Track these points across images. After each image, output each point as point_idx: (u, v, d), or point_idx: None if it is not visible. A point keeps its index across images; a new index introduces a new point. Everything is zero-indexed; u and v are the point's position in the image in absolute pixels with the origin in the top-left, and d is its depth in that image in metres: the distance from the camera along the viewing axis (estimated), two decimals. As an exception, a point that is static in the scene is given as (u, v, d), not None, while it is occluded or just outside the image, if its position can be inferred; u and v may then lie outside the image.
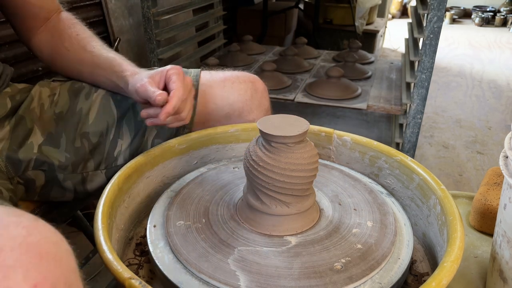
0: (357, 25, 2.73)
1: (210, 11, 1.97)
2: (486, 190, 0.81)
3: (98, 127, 0.73)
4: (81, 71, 0.75)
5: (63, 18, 0.78)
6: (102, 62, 0.71)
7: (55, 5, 0.78)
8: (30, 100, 0.72)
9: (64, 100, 0.74)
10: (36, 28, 0.76)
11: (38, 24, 0.76)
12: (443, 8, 1.19)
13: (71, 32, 0.75)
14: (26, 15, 0.75)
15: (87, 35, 0.76)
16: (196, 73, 0.78)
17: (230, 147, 0.80)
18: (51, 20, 0.77)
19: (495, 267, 0.60)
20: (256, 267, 0.51)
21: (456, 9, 5.16)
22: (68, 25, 0.77)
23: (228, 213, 0.60)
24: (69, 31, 0.76)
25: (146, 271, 0.58)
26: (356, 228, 0.58)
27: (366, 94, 1.55)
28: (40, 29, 0.76)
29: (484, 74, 3.02)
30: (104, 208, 0.55)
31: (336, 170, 0.72)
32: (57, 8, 0.79)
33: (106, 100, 0.75)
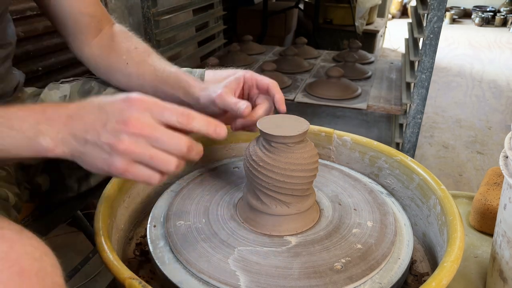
0: (357, 25, 2.73)
1: (210, 11, 1.97)
2: (486, 190, 0.81)
3: None
4: (143, 85, 0.71)
5: (117, 31, 0.75)
6: (166, 77, 0.69)
7: (106, 16, 0.76)
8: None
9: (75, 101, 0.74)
10: (89, 40, 0.73)
11: (90, 35, 0.73)
12: (443, 8, 1.19)
13: (129, 45, 0.73)
14: (77, 24, 0.72)
15: (145, 48, 0.74)
16: (201, 73, 0.79)
17: (230, 147, 0.80)
18: (105, 33, 0.74)
19: (495, 267, 0.60)
20: (256, 267, 0.51)
21: (456, 9, 5.16)
22: (125, 37, 0.74)
23: (228, 213, 0.60)
24: (126, 44, 0.73)
25: (146, 271, 0.58)
26: (356, 228, 0.58)
27: (366, 94, 1.55)
28: (94, 41, 0.74)
29: (484, 74, 3.02)
30: (104, 208, 0.55)
31: (336, 170, 0.72)
32: (108, 19, 0.76)
33: None
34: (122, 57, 0.72)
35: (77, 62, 1.33)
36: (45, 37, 1.24)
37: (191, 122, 0.44)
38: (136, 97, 0.43)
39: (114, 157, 0.42)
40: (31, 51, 1.19)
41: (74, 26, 0.72)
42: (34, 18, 1.18)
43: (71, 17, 0.71)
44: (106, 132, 0.42)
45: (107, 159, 0.43)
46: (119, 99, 0.44)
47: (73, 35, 0.73)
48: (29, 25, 1.16)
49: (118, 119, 0.42)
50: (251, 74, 0.64)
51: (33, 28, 1.17)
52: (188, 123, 0.44)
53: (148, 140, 0.42)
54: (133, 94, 0.44)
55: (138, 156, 0.42)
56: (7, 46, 0.65)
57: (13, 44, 0.67)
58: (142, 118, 0.42)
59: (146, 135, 0.42)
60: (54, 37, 1.26)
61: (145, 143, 0.43)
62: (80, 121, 0.43)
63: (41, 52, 1.23)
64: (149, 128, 0.42)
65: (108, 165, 0.43)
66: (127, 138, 0.42)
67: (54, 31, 1.25)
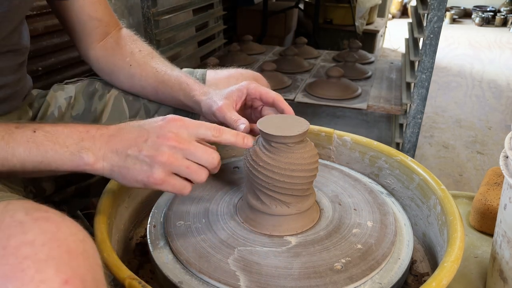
0: (357, 25, 2.73)
1: (210, 11, 1.97)
2: (486, 190, 0.81)
3: None
4: (144, 87, 0.73)
5: (124, 34, 0.76)
6: (167, 79, 0.70)
7: (114, 20, 0.77)
8: (46, 106, 0.74)
9: (80, 103, 0.76)
10: (95, 42, 0.74)
11: (96, 38, 0.74)
12: (443, 8, 1.19)
13: (133, 48, 0.74)
14: (85, 27, 0.73)
15: (150, 51, 0.75)
16: (203, 73, 0.79)
17: (230, 147, 0.80)
18: (112, 36, 0.75)
19: (495, 267, 0.60)
20: (256, 267, 0.51)
21: (456, 9, 5.16)
22: (130, 41, 0.75)
23: (228, 213, 0.60)
24: (131, 46, 0.74)
25: (146, 271, 0.58)
26: (356, 228, 0.58)
27: (366, 94, 1.55)
28: (100, 44, 0.75)
29: (484, 74, 3.02)
30: (104, 208, 0.55)
31: (336, 170, 0.72)
32: (116, 23, 0.77)
33: (118, 100, 0.76)
34: (126, 59, 0.73)
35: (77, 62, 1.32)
36: (45, 37, 1.24)
37: (222, 135, 0.51)
38: (173, 117, 0.50)
39: (154, 169, 0.47)
40: (31, 51, 1.18)
41: (82, 29, 0.73)
42: (34, 18, 1.18)
43: (80, 20, 0.72)
44: (147, 146, 0.48)
45: (147, 171, 0.48)
46: (158, 119, 0.50)
47: (80, 38, 0.74)
48: (29, 25, 1.15)
49: (159, 134, 0.48)
50: (255, 86, 0.63)
51: (33, 28, 1.17)
52: (220, 136, 0.51)
53: (184, 153, 0.48)
54: (169, 115, 0.50)
55: (177, 167, 0.48)
56: (23, 51, 0.66)
57: (28, 48, 0.68)
58: (180, 133, 0.48)
59: (184, 148, 0.48)
60: (54, 37, 1.26)
61: (182, 156, 0.48)
62: (121, 138, 0.49)
63: (41, 52, 1.23)
64: (186, 142, 0.48)
65: (147, 177, 0.48)
66: (167, 150, 0.47)
67: (54, 31, 1.26)
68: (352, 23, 2.72)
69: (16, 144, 0.47)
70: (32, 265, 0.32)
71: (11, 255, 0.32)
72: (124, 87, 0.76)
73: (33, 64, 1.21)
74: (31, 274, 0.31)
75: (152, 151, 0.47)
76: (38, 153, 0.48)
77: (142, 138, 0.48)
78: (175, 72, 0.71)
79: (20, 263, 0.32)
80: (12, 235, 0.33)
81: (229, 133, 0.51)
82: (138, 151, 0.48)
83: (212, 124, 0.51)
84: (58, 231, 0.34)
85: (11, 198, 0.41)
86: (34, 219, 0.35)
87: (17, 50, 0.64)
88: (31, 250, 0.32)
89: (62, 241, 0.34)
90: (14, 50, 0.63)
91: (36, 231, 0.34)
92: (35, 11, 1.18)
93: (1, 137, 0.47)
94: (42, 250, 0.33)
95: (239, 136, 0.52)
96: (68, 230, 0.35)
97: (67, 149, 0.48)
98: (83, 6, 0.71)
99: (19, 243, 0.33)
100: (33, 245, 0.33)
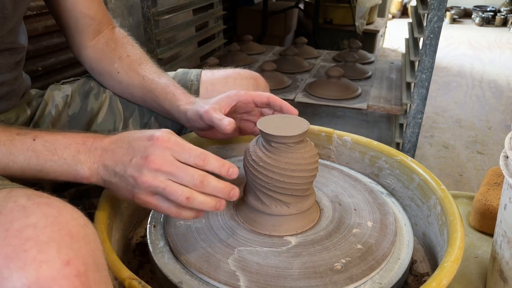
0: (357, 25, 2.73)
1: (210, 11, 1.97)
2: (487, 190, 0.81)
3: (106, 127, 0.75)
4: (133, 94, 0.74)
5: (116, 36, 0.76)
6: (154, 88, 0.70)
7: (107, 19, 0.76)
8: (44, 105, 0.74)
9: (76, 102, 0.76)
10: (87, 41, 0.74)
11: (89, 36, 0.74)
12: (443, 8, 1.19)
13: (122, 53, 0.74)
14: (77, 25, 0.72)
15: (138, 57, 0.74)
16: (197, 73, 0.79)
17: (230, 147, 0.80)
18: (103, 36, 0.75)
19: (495, 267, 0.60)
20: (256, 267, 0.50)
21: (456, 9, 5.15)
22: (120, 44, 0.75)
23: (228, 213, 0.60)
24: (120, 50, 0.74)
25: (146, 271, 0.58)
26: (356, 228, 0.58)
27: (366, 94, 1.55)
28: (91, 43, 0.74)
29: (484, 74, 3.01)
30: (104, 208, 0.55)
31: (336, 170, 0.72)
32: (109, 22, 0.77)
33: (113, 101, 0.77)
34: (114, 65, 0.73)
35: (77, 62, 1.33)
36: (45, 37, 1.24)
37: (207, 164, 0.49)
38: (160, 136, 0.49)
39: (136, 189, 0.48)
40: (31, 51, 1.19)
41: (75, 27, 0.73)
42: (34, 18, 1.18)
43: (73, 17, 0.72)
44: (131, 167, 0.48)
45: (131, 190, 0.49)
46: (145, 137, 0.50)
47: (73, 36, 0.74)
48: (29, 25, 1.16)
49: (142, 155, 0.48)
50: (245, 92, 0.64)
51: (33, 28, 1.17)
52: (204, 165, 0.49)
53: (166, 176, 0.47)
54: (157, 133, 0.49)
55: (155, 188, 0.47)
56: (20, 50, 0.66)
57: (25, 48, 0.68)
58: (162, 155, 0.48)
59: (165, 171, 0.47)
60: (54, 37, 1.26)
61: (164, 178, 0.47)
62: (112, 155, 0.50)
63: (41, 52, 1.23)
64: (167, 164, 0.47)
65: (132, 195, 0.49)
66: (147, 172, 0.47)
67: (54, 31, 1.26)
68: (352, 23, 2.72)
69: (17, 151, 0.49)
70: (34, 246, 0.32)
71: (13, 237, 0.33)
72: (115, 91, 0.77)
73: (33, 64, 1.21)
74: (33, 255, 0.32)
75: (134, 172, 0.48)
76: (37, 163, 0.50)
77: (128, 157, 0.49)
78: (162, 79, 0.71)
79: (23, 244, 0.32)
80: (15, 218, 0.34)
81: (215, 163, 0.49)
82: (124, 170, 0.49)
83: (198, 151, 0.49)
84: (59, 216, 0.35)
85: (13, 186, 0.42)
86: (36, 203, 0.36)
87: (14, 49, 0.64)
88: (33, 232, 0.33)
89: (64, 225, 0.35)
90: (10, 49, 0.63)
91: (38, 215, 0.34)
92: (35, 11, 1.18)
93: (3, 143, 0.49)
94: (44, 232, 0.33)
95: (224, 166, 0.50)
96: (69, 215, 0.36)
97: (64, 161, 0.50)
98: (75, 2, 0.71)
99: (22, 225, 0.34)
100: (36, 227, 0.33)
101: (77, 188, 0.75)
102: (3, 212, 0.35)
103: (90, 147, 0.51)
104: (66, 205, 0.37)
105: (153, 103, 0.72)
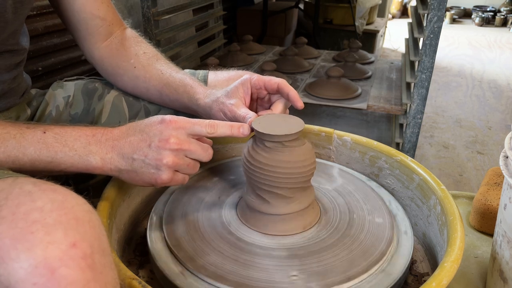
0: (357, 25, 2.73)
1: (210, 11, 1.97)
2: (486, 190, 0.81)
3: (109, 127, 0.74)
4: (148, 89, 0.73)
5: (128, 35, 0.76)
6: (172, 81, 0.70)
7: (118, 20, 0.76)
8: (45, 105, 0.74)
9: (79, 102, 0.75)
10: (99, 42, 0.74)
11: (100, 37, 0.73)
12: (443, 8, 1.19)
13: (138, 50, 0.74)
14: (88, 27, 0.72)
15: (154, 53, 0.75)
16: (204, 74, 0.79)
17: (230, 147, 0.80)
18: (116, 36, 0.75)
19: (495, 267, 0.60)
20: (256, 266, 0.50)
21: (456, 9, 5.15)
22: (134, 42, 0.75)
23: (228, 213, 0.60)
24: (135, 48, 0.74)
25: (146, 271, 0.58)
26: (356, 228, 0.58)
27: (366, 94, 1.55)
28: (104, 44, 0.74)
29: (484, 74, 3.01)
30: (104, 208, 0.55)
31: (336, 170, 0.72)
32: (120, 23, 0.77)
33: (118, 100, 0.76)
34: (130, 61, 0.73)
35: (77, 62, 1.32)
36: (45, 37, 1.24)
37: (217, 130, 0.53)
38: (171, 118, 0.52)
39: (160, 171, 0.51)
40: (31, 51, 1.19)
41: (85, 28, 0.72)
42: (34, 18, 1.19)
43: (83, 19, 0.71)
44: (152, 151, 0.51)
45: (155, 174, 0.52)
46: (156, 122, 0.52)
47: (84, 37, 0.74)
48: (29, 25, 1.16)
49: (160, 138, 0.51)
50: (257, 77, 0.63)
51: (33, 28, 1.17)
52: (215, 132, 0.53)
53: (185, 153, 0.52)
54: (166, 117, 0.52)
55: (180, 166, 0.52)
56: (21, 52, 0.66)
57: (26, 50, 0.68)
58: (179, 135, 0.51)
59: (184, 149, 0.52)
60: (54, 37, 1.26)
61: (183, 155, 0.52)
62: (126, 143, 0.52)
63: (41, 52, 1.23)
64: (185, 143, 0.52)
65: (155, 179, 0.52)
66: (169, 153, 0.51)
67: (54, 31, 1.26)
68: (352, 23, 2.72)
69: (27, 144, 0.50)
70: (41, 228, 0.33)
71: (20, 220, 0.34)
72: (127, 88, 0.76)
73: (33, 64, 1.21)
74: (40, 236, 0.33)
75: (156, 155, 0.51)
76: (48, 154, 0.50)
77: (146, 143, 0.51)
78: (179, 74, 0.71)
79: (29, 226, 0.33)
80: (22, 203, 0.35)
81: (224, 127, 0.54)
82: (144, 155, 0.51)
83: (205, 121, 0.53)
84: (65, 201, 0.36)
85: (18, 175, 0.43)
86: (42, 189, 0.37)
87: (14, 51, 0.64)
88: (40, 215, 0.34)
89: (69, 209, 0.35)
90: (11, 50, 0.63)
91: (44, 200, 0.35)
92: (35, 11, 1.18)
93: (13, 136, 0.50)
94: (51, 216, 0.34)
95: (234, 127, 0.54)
96: (74, 201, 0.37)
97: (75, 152, 0.51)
98: (84, 4, 0.70)
99: (29, 209, 0.34)
100: (42, 211, 0.34)
101: (76, 187, 0.75)
102: (9, 197, 0.36)
103: (101, 139, 0.52)
104: (71, 192, 0.38)
105: (169, 97, 0.71)
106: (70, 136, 0.51)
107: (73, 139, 0.51)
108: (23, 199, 0.35)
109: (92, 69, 0.79)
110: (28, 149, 0.50)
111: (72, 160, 0.51)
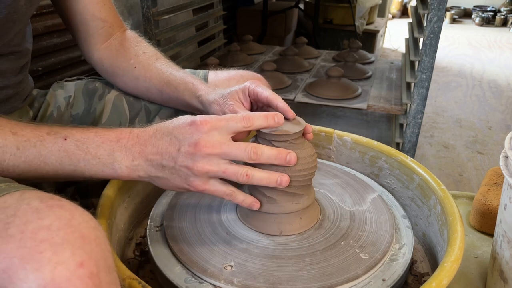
0: (357, 25, 2.73)
1: (210, 11, 1.97)
2: (487, 190, 0.81)
3: None
4: (149, 88, 0.73)
5: (128, 36, 0.76)
6: (173, 80, 0.70)
7: (118, 21, 0.76)
8: (46, 106, 0.74)
9: (80, 102, 0.75)
10: (99, 43, 0.74)
11: (100, 38, 0.74)
12: (443, 8, 1.19)
13: (137, 50, 0.74)
14: (89, 28, 0.72)
15: (154, 53, 0.75)
16: (205, 74, 0.79)
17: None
18: (116, 38, 0.75)
19: (495, 267, 0.60)
20: (256, 267, 0.50)
21: (456, 9, 5.15)
22: (134, 43, 0.75)
23: (229, 213, 0.60)
24: (135, 48, 0.74)
25: (146, 271, 0.58)
26: (356, 228, 0.58)
27: (366, 94, 1.55)
28: (104, 45, 0.74)
29: (484, 74, 3.01)
30: (104, 208, 0.55)
31: (336, 170, 0.72)
32: (120, 25, 0.77)
33: (119, 100, 0.76)
34: (130, 61, 0.73)
35: (77, 62, 1.32)
36: (45, 37, 1.24)
37: (254, 123, 0.50)
38: (202, 119, 0.48)
39: (192, 178, 0.48)
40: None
41: (86, 29, 0.73)
42: (34, 18, 1.19)
43: (84, 20, 0.72)
44: (182, 156, 0.48)
45: (186, 179, 0.48)
46: (185, 124, 0.49)
47: (84, 38, 0.74)
48: (29, 25, 1.16)
49: (190, 143, 0.47)
50: (254, 87, 0.61)
51: (33, 28, 1.16)
52: (251, 125, 0.49)
53: (220, 157, 0.48)
54: (197, 117, 0.48)
55: (213, 173, 0.48)
56: (25, 53, 0.66)
57: (30, 50, 0.68)
58: (210, 138, 0.47)
59: (218, 153, 0.47)
60: (54, 37, 1.26)
61: (218, 160, 0.48)
62: (154, 148, 0.49)
63: (41, 52, 1.23)
64: (218, 145, 0.47)
65: (188, 184, 0.49)
66: (201, 159, 0.47)
67: (54, 31, 1.26)
68: (352, 23, 2.72)
69: (48, 153, 0.48)
70: (49, 247, 0.33)
71: (29, 239, 0.33)
72: (128, 88, 0.76)
73: (33, 64, 1.21)
74: (48, 256, 0.33)
75: (187, 161, 0.47)
76: (70, 163, 0.49)
77: (175, 148, 0.48)
78: (180, 72, 0.71)
79: (38, 246, 0.33)
80: (29, 220, 0.35)
81: (259, 119, 0.50)
82: (174, 162, 0.48)
83: (239, 115, 0.49)
84: (72, 218, 0.36)
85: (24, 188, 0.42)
86: (49, 206, 0.36)
87: (20, 52, 0.64)
88: (47, 234, 0.34)
89: (76, 227, 0.35)
90: (16, 52, 0.63)
91: (51, 217, 0.35)
92: (35, 11, 1.18)
93: (33, 144, 0.48)
94: (58, 234, 0.34)
95: (269, 117, 0.50)
96: (81, 218, 0.37)
97: (99, 160, 0.49)
98: (87, 5, 0.70)
99: (36, 227, 0.34)
100: (50, 229, 0.34)
101: (76, 186, 0.75)
102: (17, 215, 0.36)
103: (126, 144, 0.50)
104: (77, 208, 0.38)
105: (170, 95, 0.71)
106: (92, 143, 0.49)
107: (95, 145, 0.49)
108: (31, 217, 0.35)
109: (92, 69, 0.79)
110: (49, 159, 0.48)
111: (95, 169, 0.49)
